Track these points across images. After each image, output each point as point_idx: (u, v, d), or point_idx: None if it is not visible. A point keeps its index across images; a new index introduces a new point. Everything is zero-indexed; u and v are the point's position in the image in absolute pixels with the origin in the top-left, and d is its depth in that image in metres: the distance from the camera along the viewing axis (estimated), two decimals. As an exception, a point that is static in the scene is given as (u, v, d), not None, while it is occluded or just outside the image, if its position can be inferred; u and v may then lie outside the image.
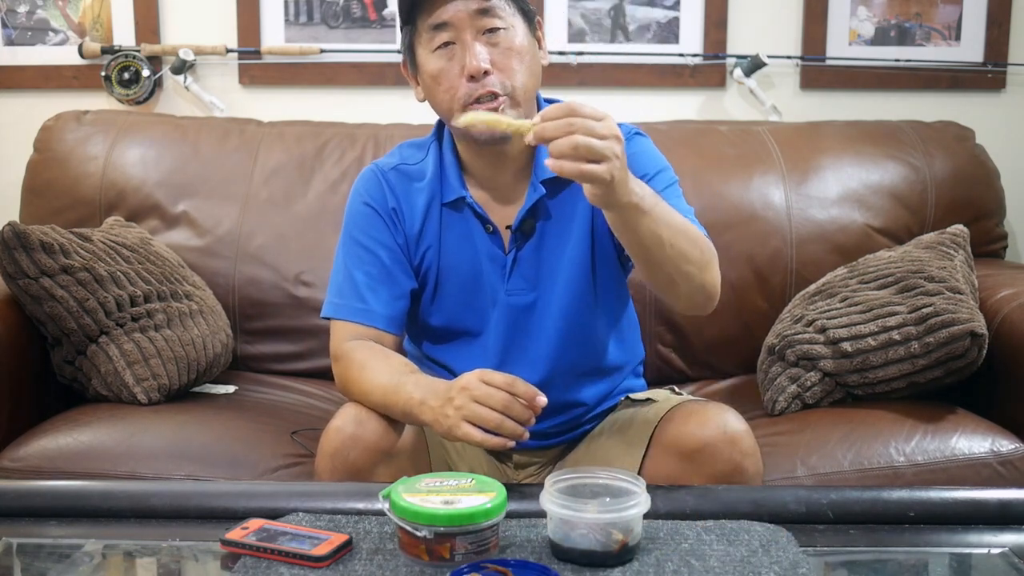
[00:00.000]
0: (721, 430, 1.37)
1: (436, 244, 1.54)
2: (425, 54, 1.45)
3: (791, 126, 2.40)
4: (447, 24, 1.42)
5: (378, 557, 1.10)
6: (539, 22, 1.52)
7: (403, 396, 1.35)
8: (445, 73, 1.43)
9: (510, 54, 1.43)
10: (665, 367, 2.19)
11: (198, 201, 2.25)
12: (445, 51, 1.43)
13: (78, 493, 1.28)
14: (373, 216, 1.53)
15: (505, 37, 1.43)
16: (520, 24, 1.45)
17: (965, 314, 1.77)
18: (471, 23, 1.41)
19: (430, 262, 1.54)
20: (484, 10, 1.41)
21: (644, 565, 1.08)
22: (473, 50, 1.40)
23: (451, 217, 1.53)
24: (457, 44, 1.42)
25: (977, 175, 2.32)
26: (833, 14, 2.52)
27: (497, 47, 1.42)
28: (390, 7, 2.52)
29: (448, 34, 1.42)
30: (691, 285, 1.34)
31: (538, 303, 1.52)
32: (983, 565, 1.18)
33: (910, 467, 1.68)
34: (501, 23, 1.43)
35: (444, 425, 1.29)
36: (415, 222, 1.54)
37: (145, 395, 1.84)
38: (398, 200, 1.54)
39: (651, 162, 1.51)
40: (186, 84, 2.50)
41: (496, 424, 1.25)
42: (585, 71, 2.53)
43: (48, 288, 1.83)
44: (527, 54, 1.45)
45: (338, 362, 1.48)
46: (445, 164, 1.54)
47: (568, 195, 1.52)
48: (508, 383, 1.26)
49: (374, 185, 1.55)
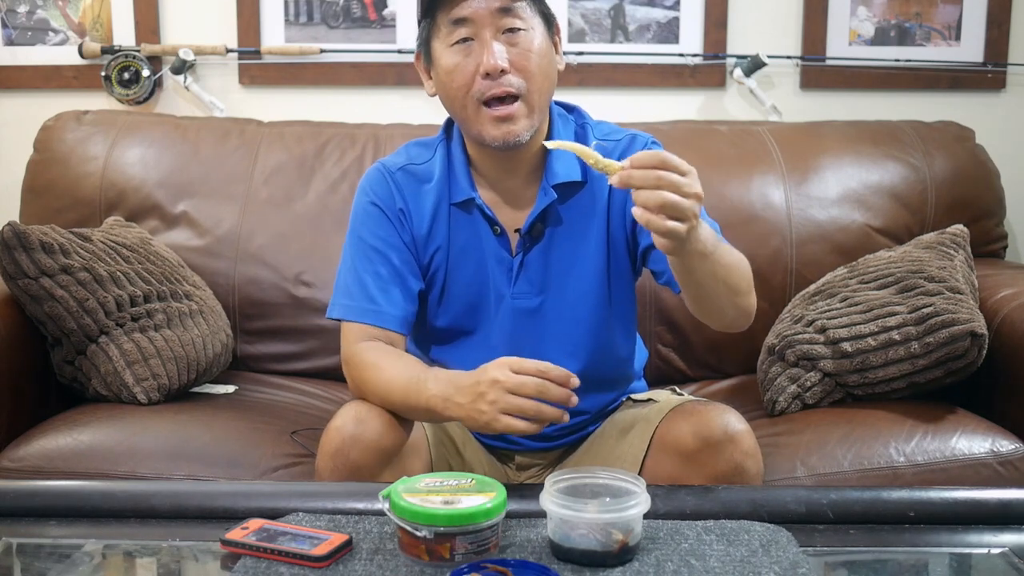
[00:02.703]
0: (722, 430, 1.37)
1: (445, 245, 1.53)
2: (442, 48, 1.44)
3: (791, 126, 2.40)
4: (467, 20, 1.41)
5: (378, 557, 1.10)
6: (557, 27, 1.51)
7: (424, 396, 1.34)
8: (461, 69, 1.42)
9: (528, 55, 1.42)
10: (665, 367, 2.19)
11: (198, 201, 2.25)
12: (463, 47, 1.42)
13: (78, 493, 1.28)
14: (380, 216, 1.52)
15: (524, 38, 1.42)
16: (540, 27, 1.45)
17: (965, 314, 1.77)
18: (492, 21, 1.41)
19: (439, 263, 1.53)
20: (506, 9, 1.41)
21: (644, 565, 1.08)
22: (491, 48, 1.40)
23: (460, 218, 1.53)
24: (476, 41, 1.42)
25: (977, 175, 2.32)
26: (833, 14, 2.52)
27: (516, 47, 1.42)
28: (390, 7, 2.52)
29: (467, 30, 1.42)
30: (736, 312, 1.38)
31: (544, 307, 1.52)
32: (983, 565, 1.18)
33: (910, 467, 1.68)
34: (521, 24, 1.42)
35: (480, 421, 1.27)
36: (423, 223, 1.52)
37: (145, 395, 1.84)
38: (406, 201, 1.53)
39: None
40: (186, 84, 2.50)
41: (535, 412, 1.24)
42: (585, 71, 2.53)
43: (48, 288, 1.83)
44: (544, 57, 1.45)
45: (350, 365, 1.46)
46: (454, 164, 1.53)
47: (580, 201, 1.51)
48: (540, 369, 1.25)
49: (381, 185, 1.54)
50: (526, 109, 1.43)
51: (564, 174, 1.49)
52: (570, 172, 1.50)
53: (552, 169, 1.49)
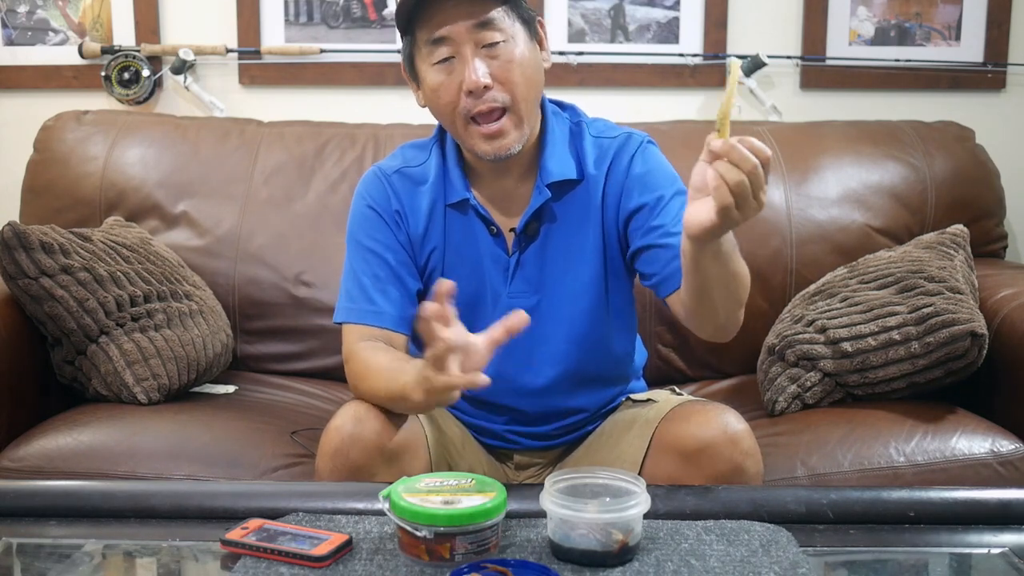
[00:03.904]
0: (721, 430, 1.37)
1: (441, 246, 1.53)
2: (425, 67, 1.44)
3: (791, 126, 2.40)
4: (446, 39, 1.40)
5: (378, 557, 1.10)
6: (540, 22, 1.50)
7: (399, 383, 1.34)
8: (445, 87, 1.42)
9: (511, 67, 1.41)
10: (665, 367, 2.19)
11: (198, 201, 2.25)
12: (444, 66, 1.42)
13: (78, 493, 1.28)
14: (376, 219, 1.53)
15: (505, 49, 1.41)
16: (520, 33, 1.44)
17: (965, 314, 1.77)
18: (470, 37, 1.40)
19: (435, 264, 1.54)
20: (483, 23, 1.39)
21: (644, 565, 1.08)
22: (472, 65, 1.39)
23: (455, 218, 1.53)
24: (456, 59, 1.41)
25: (977, 175, 2.32)
26: (833, 14, 2.52)
27: (497, 59, 1.41)
28: (390, 7, 2.52)
29: (447, 49, 1.41)
30: (726, 321, 1.37)
31: (541, 306, 1.51)
32: (983, 565, 1.18)
33: (910, 467, 1.68)
34: (500, 36, 1.41)
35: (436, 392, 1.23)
36: (419, 224, 1.53)
37: (145, 395, 1.84)
38: (401, 203, 1.53)
39: (666, 180, 1.50)
40: (186, 84, 2.51)
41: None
42: (585, 71, 2.53)
43: (48, 288, 1.83)
44: (528, 64, 1.44)
45: (348, 364, 1.48)
46: (449, 165, 1.53)
47: (575, 199, 1.51)
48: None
49: (376, 188, 1.55)
50: (514, 120, 1.42)
51: (559, 172, 1.49)
52: (564, 170, 1.50)
53: (546, 168, 1.49)
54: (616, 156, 1.52)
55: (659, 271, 1.44)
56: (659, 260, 1.44)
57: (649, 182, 1.48)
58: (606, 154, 1.52)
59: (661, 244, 1.44)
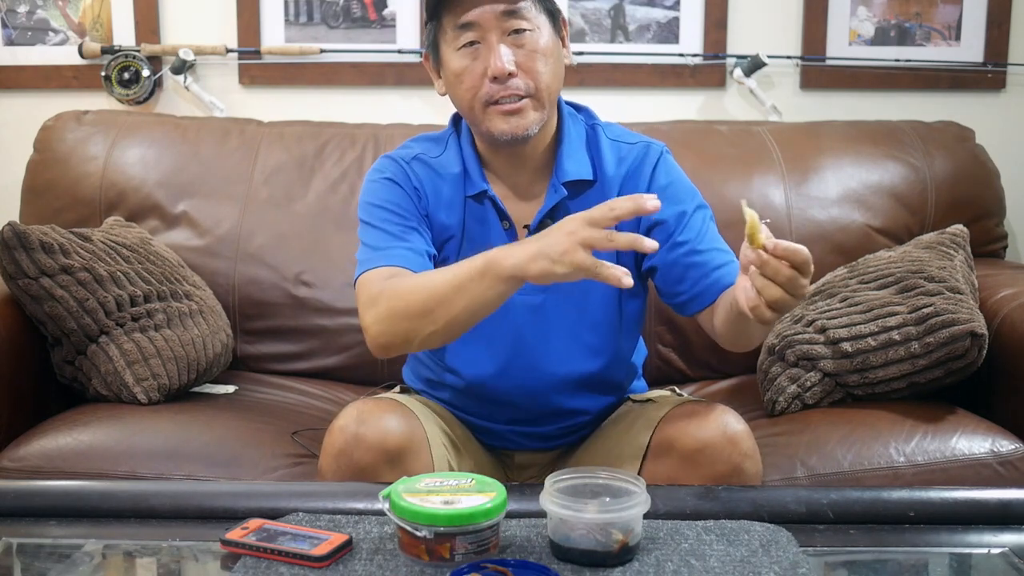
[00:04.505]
0: (721, 431, 1.37)
1: (459, 236, 1.52)
2: (449, 52, 1.45)
3: (791, 126, 2.40)
4: (473, 24, 1.41)
5: (378, 557, 1.10)
6: (563, 21, 1.51)
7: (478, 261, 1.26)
8: (469, 72, 1.43)
9: (535, 56, 1.42)
10: (665, 367, 2.19)
11: (198, 201, 2.25)
12: (470, 50, 1.43)
13: (78, 493, 1.28)
14: (395, 187, 1.50)
15: (531, 38, 1.42)
16: (546, 24, 1.45)
17: (965, 314, 1.77)
18: (497, 24, 1.41)
19: (449, 252, 1.53)
20: (511, 11, 1.41)
21: (644, 565, 1.08)
22: (498, 51, 1.40)
23: (473, 210, 1.52)
24: (482, 44, 1.42)
25: (977, 175, 2.32)
26: (833, 14, 2.52)
27: (522, 48, 1.42)
28: (390, 7, 2.52)
29: (473, 34, 1.42)
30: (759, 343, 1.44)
31: (547, 304, 1.51)
32: (983, 565, 1.18)
33: (910, 467, 1.68)
34: (527, 24, 1.42)
35: (555, 251, 1.18)
36: (439, 208, 1.52)
37: (145, 395, 1.84)
38: (422, 183, 1.52)
39: (687, 194, 1.51)
40: (186, 84, 2.51)
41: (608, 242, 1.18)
42: (585, 71, 2.53)
43: (48, 288, 1.83)
44: (551, 56, 1.45)
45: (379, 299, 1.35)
46: (465, 158, 1.53)
47: (589, 200, 1.50)
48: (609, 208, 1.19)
49: (394, 167, 1.53)
50: (534, 104, 1.43)
51: (575, 172, 1.50)
52: (580, 170, 1.50)
53: (563, 167, 1.49)
54: (637, 164, 1.52)
55: (686, 290, 1.45)
56: (686, 279, 1.45)
57: (671, 195, 1.48)
58: (625, 160, 1.52)
59: (687, 263, 1.46)
